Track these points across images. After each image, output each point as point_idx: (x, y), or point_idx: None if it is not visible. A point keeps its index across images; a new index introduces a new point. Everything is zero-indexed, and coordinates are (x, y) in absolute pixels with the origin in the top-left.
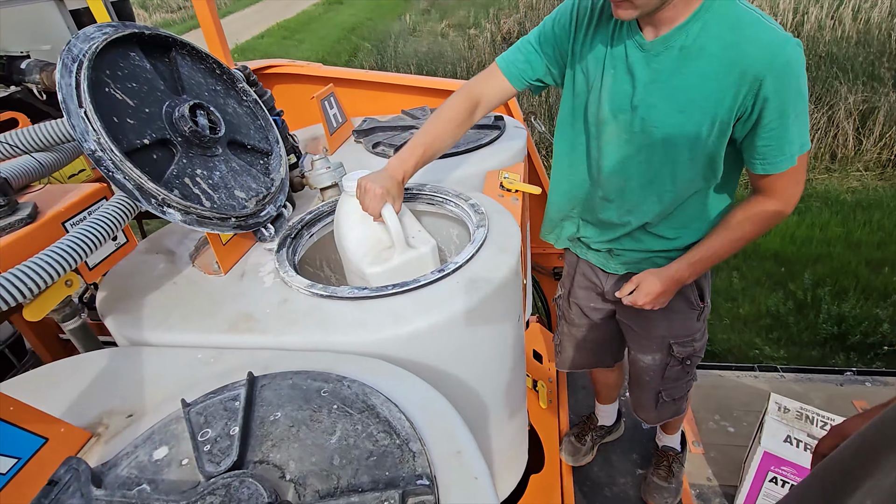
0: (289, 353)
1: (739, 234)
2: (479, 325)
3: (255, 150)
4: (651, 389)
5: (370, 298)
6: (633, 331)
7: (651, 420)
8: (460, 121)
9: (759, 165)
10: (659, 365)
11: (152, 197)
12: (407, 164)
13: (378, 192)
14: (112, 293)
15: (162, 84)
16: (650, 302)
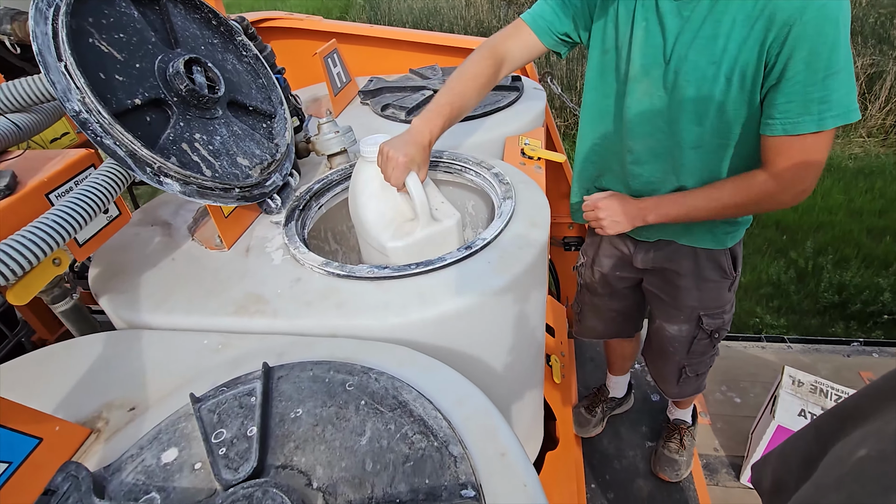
0: (305, 340)
1: (717, 196)
2: (509, 306)
3: (258, 112)
4: (675, 363)
5: (393, 278)
6: (661, 299)
7: (672, 395)
8: (485, 80)
9: (780, 125)
10: (686, 337)
11: (147, 165)
12: (433, 124)
13: (402, 161)
14: (106, 270)
15: (153, 35)
16: (603, 221)
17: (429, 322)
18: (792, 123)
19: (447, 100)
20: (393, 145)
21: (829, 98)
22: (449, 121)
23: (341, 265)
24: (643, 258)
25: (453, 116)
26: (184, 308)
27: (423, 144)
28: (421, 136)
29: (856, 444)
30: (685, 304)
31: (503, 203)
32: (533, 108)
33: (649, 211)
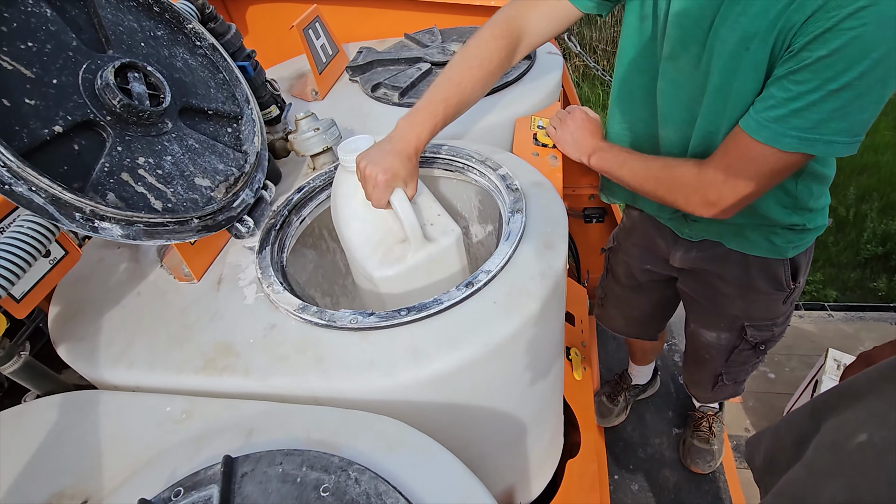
0: (279, 409)
1: (649, 165)
2: (521, 353)
3: (220, 116)
4: (710, 369)
5: (379, 328)
6: (698, 304)
7: (704, 400)
8: (495, 66)
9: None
10: (724, 346)
11: (76, 210)
12: (421, 128)
13: (382, 180)
14: (65, 310)
15: (74, 38)
16: (560, 136)
17: (423, 382)
18: (753, 119)
19: (443, 95)
20: (371, 159)
21: (812, 116)
22: (443, 121)
23: (320, 311)
24: (682, 257)
25: (448, 116)
26: (146, 362)
27: (408, 154)
28: (405, 145)
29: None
30: (726, 311)
31: (511, 219)
32: (547, 80)
33: (594, 153)
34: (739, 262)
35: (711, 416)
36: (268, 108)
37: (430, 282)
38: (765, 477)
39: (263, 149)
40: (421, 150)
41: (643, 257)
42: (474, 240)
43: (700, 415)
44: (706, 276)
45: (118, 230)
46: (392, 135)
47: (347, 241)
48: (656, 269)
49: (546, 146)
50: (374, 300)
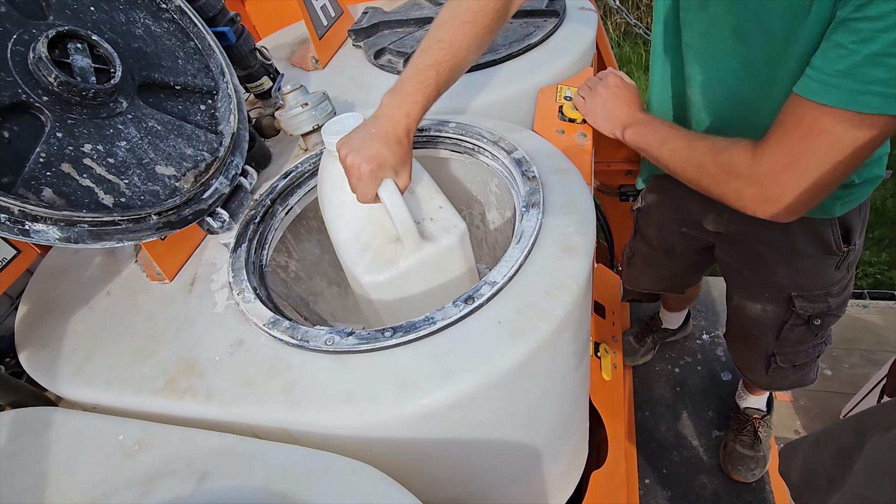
0: (240, 444)
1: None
2: (533, 382)
3: (190, 91)
4: (760, 349)
5: (359, 352)
6: (739, 272)
7: (762, 386)
8: (490, 19)
9: (803, 80)
10: (772, 320)
11: (1, 212)
12: (411, 106)
13: (366, 171)
14: (33, 310)
15: (2, 3)
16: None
17: (408, 420)
18: (814, 78)
19: (432, 60)
20: (353, 146)
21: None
22: (436, 91)
23: (293, 327)
24: (716, 219)
25: (441, 84)
26: (105, 378)
27: (397, 137)
28: (393, 126)
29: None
30: (770, 279)
31: (525, 215)
32: (578, 41)
33: (629, 126)
34: (780, 223)
35: (758, 419)
36: (258, 80)
37: (430, 286)
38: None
39: (243, 128)
40: (413, 129)
41: (678, 220)
42: (491, 227)
43: (744, 418)
44: (745, 241)
45: (55, 232)
46: (377, 114)
47: (334, 239)
48: (693, 232)
49: (574, 121)
50: (367, 306)
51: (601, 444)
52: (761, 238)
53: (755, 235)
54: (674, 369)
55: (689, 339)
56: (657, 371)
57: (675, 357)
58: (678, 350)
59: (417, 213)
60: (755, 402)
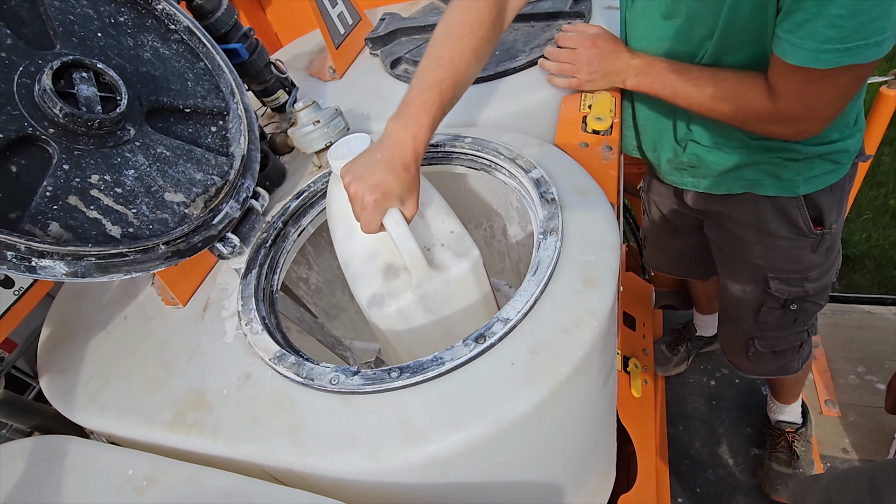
0: (244, 486)
1: (712, 88)
2: (549, 427)
3: (200, 113)
4: (740, 330)
5: (365, 394)
6: (721, 250)
7: (745, 370)
8: (487, 29)
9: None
10: (751, 301)
11: (7, 249)
12: (417, 129)
13: (371, 202)
14: (55, 333)
15: (8, 35)
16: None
17: (415, 467)
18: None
19: (432, 78)
20: (356, 173)
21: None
22: (441, 111)
23: (298, 363)
24: (694, 198)
25: (445, 102)
26: (118, 407)
27: (404, 163)
28: (400, 151)
29: None
30: (748, 260)
31: (543, 243)
32: None
33: (631, 74)
34: (750, 201)
35: (791, 433)
36: (274, 95)
37: (441, 316)
38: None
39: (254, 149)
40: (422, 153)
41: (670, 196)
42: (513, 240)
43: (776, 433)
44: (722, 219)
45: (62, 268)
46: (382, 138)
47: (343, 264)
48: (684, 210)
49: (598, 132)
50: (379, 335)
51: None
52: (735, 217)
53: (730, 215)
54: (709, 381)
55: None
56: (691, 383)
57: (710, 369)
58: (714, 361)
59: (427, 238)
60: (787, 414)
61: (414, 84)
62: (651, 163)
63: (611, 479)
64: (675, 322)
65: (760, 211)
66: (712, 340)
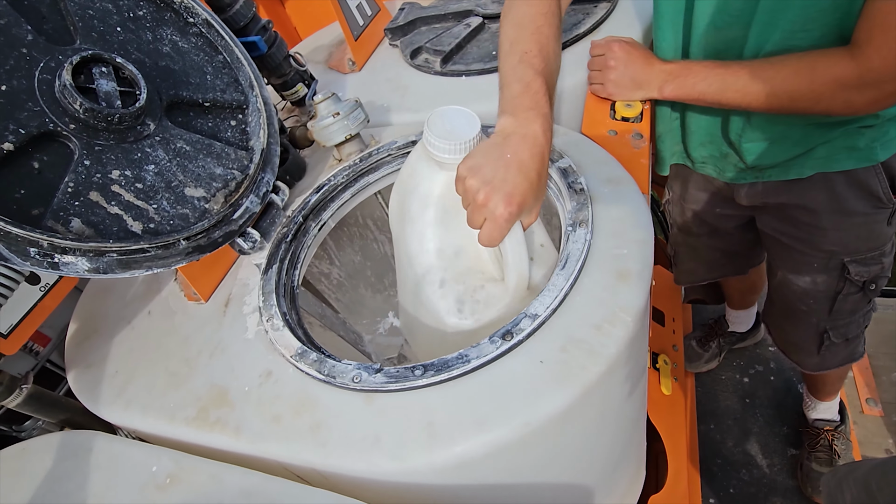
0: (266, 485)
1: (770, 76)
2: (580, 429)
3: (220, 107)
4: (811, 326)
5: (389, 391)
6: (782, 244)
7: (810, 367)
8: (556, 18)
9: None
10: (824, 291)
11: (30, 246)
12: (543, 119)
13: (502, 215)
14: (83, 328)
15: (29, 31)
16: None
17: (439, 469)
18: None
19: (532, 70)
20: (485, 176)
21: None
22: (550, 104)
23: (320, 360)
24: (748, 193)
25: (552, 92)
26: (142, 402)
27: (539, 169)
28: (532, 153)
29: None
30: (821, 248)
31: (572, 235)
32: (635, 26)
33: (669, 80)
34: (821, 182)
35: (831, 431)
36: (293, 88)
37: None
38: None
39: (273, 143)
40: (549, 153)
41: (711, 201)
42: None
43: (814, 431)
44: (786, 210)
45: (84, 264)
46: (506, 132)
47: (411, 260)
48: (729, 210)
49: (628, 120)
50: (423, 331)
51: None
52: (805, 204)
53: (798, 203)
54: (742, 378)
55: (759, 345)
56: (723, 380)
57: (743, 365)
58: (748, 357)
59: (528, 254)
60: (825, 412)
61: (512, 80)
62: (697, 165)
63: (641, 479)
64: (705, 317)
65: (835, 190)
66: (745, 336)
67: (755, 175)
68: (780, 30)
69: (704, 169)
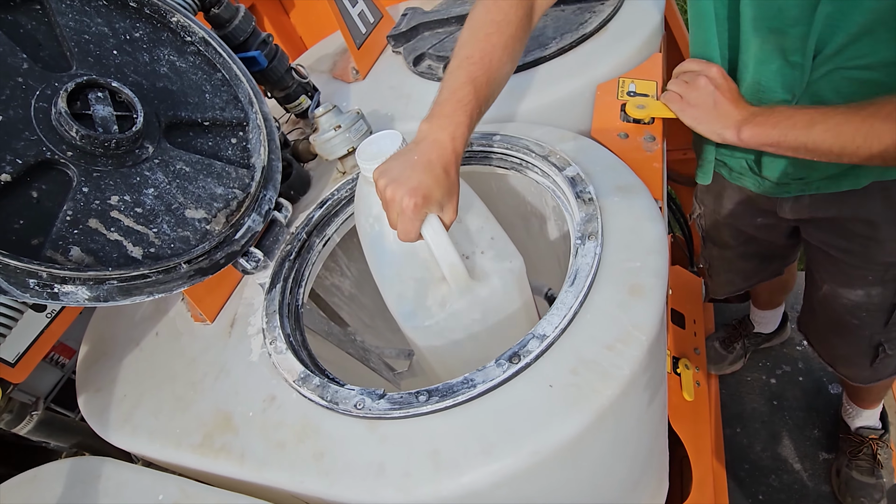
0: None
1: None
2: (594, 450)
3: (220, 126)
4: (863, 339)
5: (392, 419)
6: (831, 257)
7: (860, 380)
8: (514, 27)
9: None
10: (878, 304)
11: (30, 277)
12: (455, 127)
13: (410, 207)
14: (93, 351)
15: (24, 59)
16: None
17: (447, 498)
18: None
19: (465, 76)
20: (392, 176)
21: None
22: (477, 109)
23: (323, 385)
24: (794, 206)
25: (481, 100)
26: (149, 428)
27: (444, 165)
28: (439, 152)
29: None
30: (877, 260)
31: (581, 248)
32: (643, 24)
33: (747, 123)
34: (878, 192)
35: (875, 439)
36: (296, 101)
37: (481, 328)
38: None
39: (275, 159)
40: (461, 154)
41: (749, 213)
42: (551, 238)
43: (859, 439)
44: (839, 222)
45: (84, 293)
46: (417, 140)
47: (375, 274)
48: (770, 221)
49: (640, 122)
50: (413, 345)
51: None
52: (861, 216)
53: (853, 214)
54: (769, 379)
55: (787, 344)
56: (749, 381)
57: (770, 365)
58: (774, 357)
59: (466, 246)
60: (868, 420)
61: (445, 84)
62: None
63: (664, 490)
64: (728, 316)
65: (894, 198)
66: (771, 337)
67: (800, 188)
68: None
69: (742, 180)
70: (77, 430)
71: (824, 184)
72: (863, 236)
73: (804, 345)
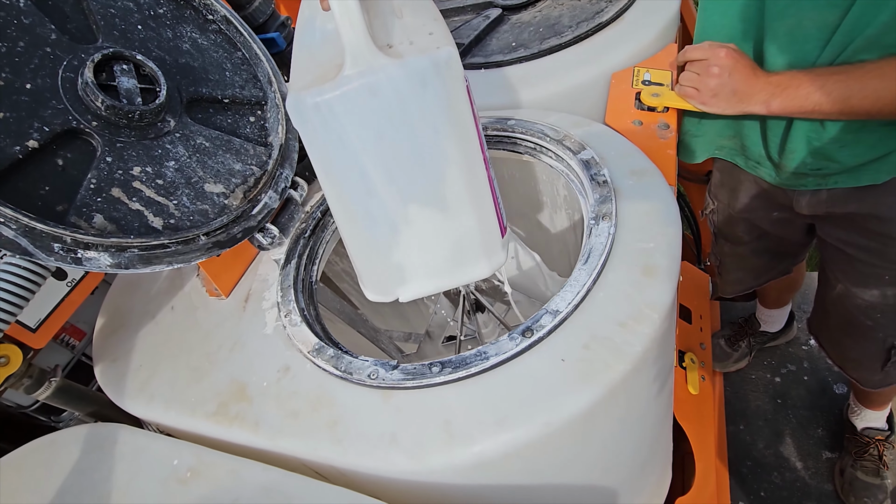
0: (284, 482)
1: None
2: (604, 425)
3: (239, 104)
4: (876, 341)
5: (405, 389)
6: (848, 256)
7: (870, 384)
8: None
9: None
10: (893, 306)
11: (54, 241)
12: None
13: None
14: (109, 322)
15: (53, 30)
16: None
17: (458, 468)
18: None
19: None
20: None
21: None
22: None
23: (337, 356)
24: (810, 202)
25: None
26: (164, 396)
27: None
28: None
29: None
30: (893, 259)
31: (595, 229)
32: (659, 13)
33: (776, 94)
34: (894, 187)
35: (881, 440)
36: None
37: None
38: None
39: (292, 138)
40: None
41: (765, 207)
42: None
43: (864, 440)
44: (854, 220)
45: (107, 259)
46: None
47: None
48: (786, 215)
49: (654, 110)
50: None
51: (686, 457)
52: (878, 213)
53: (870, 212)
54: (773, 378)
55: (792, 343)
56: (753, 380)
57: (775, 364)
58: (779, 356)
59: (395, 36)
60: (875, 420)
61: None
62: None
63: (667, 481)
64: (734, 315)
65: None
66: (777, 336)
67: (817, 182)
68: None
69: (758, 170)
70: (93, 399)
71: (843, 178)
72: (880, 234)
73: (810, 344)
